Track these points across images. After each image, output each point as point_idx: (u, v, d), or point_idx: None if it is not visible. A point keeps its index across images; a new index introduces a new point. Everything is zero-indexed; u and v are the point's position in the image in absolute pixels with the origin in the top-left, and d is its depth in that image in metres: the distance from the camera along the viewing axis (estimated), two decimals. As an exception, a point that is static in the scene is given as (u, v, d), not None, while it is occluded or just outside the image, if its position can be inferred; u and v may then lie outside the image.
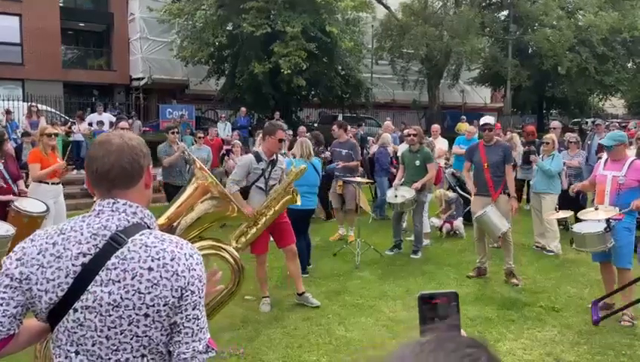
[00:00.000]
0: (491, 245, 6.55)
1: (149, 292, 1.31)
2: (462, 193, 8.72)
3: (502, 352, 4.15)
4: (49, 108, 15.70)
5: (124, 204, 1.41)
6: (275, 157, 5.07)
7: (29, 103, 14.16)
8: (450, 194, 8.58)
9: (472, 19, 22.76)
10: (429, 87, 25.69)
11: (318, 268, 6.35)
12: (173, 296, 1.33)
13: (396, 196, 6.70)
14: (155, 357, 1.36)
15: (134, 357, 1.34)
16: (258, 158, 4.99)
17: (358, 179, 7.48)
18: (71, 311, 1.32)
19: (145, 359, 1.35)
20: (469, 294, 5.49)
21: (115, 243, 1.34)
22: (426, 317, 0.87)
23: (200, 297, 1.38)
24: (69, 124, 13.99)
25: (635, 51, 24.59)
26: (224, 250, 1.91)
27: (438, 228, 8.21)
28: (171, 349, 1.36)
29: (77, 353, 1.34)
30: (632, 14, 23.49)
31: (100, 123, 13.20)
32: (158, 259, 1.33)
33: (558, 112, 29.59)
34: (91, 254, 1.34)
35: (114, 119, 13.80)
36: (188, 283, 1.35)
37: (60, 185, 6.15)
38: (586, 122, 22.29)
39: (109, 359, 1.33)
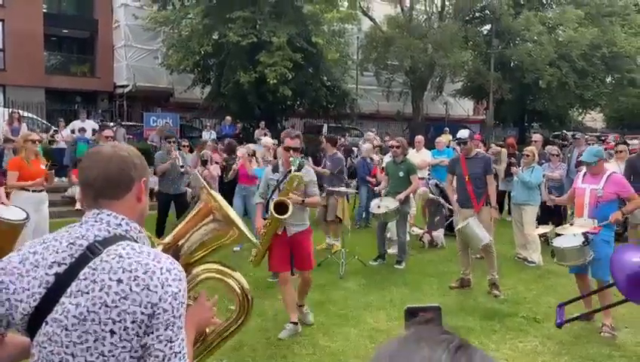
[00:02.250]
0: (474, 256, 6.62)
1: (116, 306, 1.20)
2: (444, 203, 8.78)
3: (484, 362, 4.17)
4: (30, 115, 15.46)
5: (108, 215, 1.34)
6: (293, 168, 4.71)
7: (10, 110, 13.93)
8: (431, 195, 8.59)
9: (455, 33, 23.14)
10: (413, 98, 25.98)
11: (302, 278, 6.34)
12: (143, 313, 1.21)
13: (379, 206, 6.74)
14: None
15: None
16: (275, 169, 4.88)
17: (343, 189, 7.50)
18: (44, 323, 1.24)
19: None
20: (452, 304, 5.53)
21: (90, 253, 1.26)
22: None
23: (174, 317, 1.24)
24: (52, 131, 13.79)
25: (613, 66, 25.14)
26: (231, 276, 1.75)
27: (419, 237, 8.24)
28: None
29: None
30: (611, 30, 24.07)
31: (82, 130, 13.01)
32: (130, 271, 1.22)
33: (539, 125, 30.10)
34: (66, 264, 1.26)
35: (97, 126, 13.64)
36: (160, 300, 1.22)
37: (44, 193, 6.05)
38: (565, 134, 22.69)
39: None
